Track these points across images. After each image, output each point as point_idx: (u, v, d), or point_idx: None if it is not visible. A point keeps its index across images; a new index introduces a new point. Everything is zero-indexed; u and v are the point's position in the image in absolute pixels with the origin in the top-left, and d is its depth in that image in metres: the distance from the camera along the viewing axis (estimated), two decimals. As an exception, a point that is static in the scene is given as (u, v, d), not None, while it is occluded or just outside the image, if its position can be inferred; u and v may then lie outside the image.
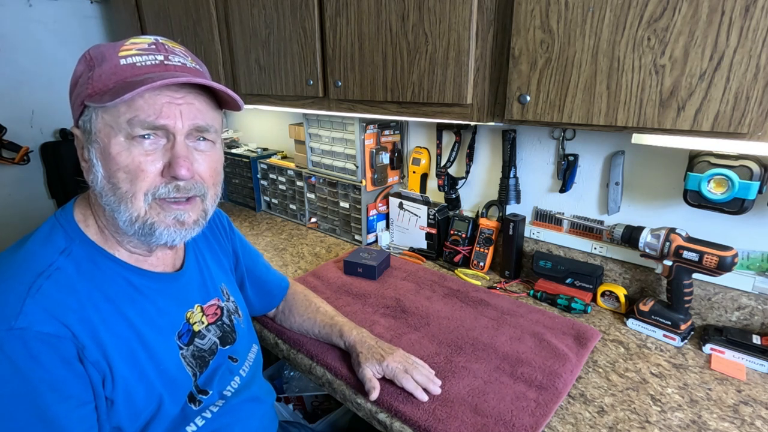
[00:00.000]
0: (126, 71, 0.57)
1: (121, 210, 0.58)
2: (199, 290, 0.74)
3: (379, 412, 0.80)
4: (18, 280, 0.54)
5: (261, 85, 1.38)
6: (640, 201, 1.09)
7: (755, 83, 0.63)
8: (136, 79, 0.56)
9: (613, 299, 1.10)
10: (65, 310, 0.54)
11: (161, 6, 1.64)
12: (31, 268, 0.55)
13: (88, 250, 0.61)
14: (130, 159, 0.56)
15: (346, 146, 1.45)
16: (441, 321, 1.02)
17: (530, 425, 0.73)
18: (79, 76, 0.59)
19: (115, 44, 0.60)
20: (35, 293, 0.53)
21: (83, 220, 0.63)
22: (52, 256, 0.57)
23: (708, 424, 0.75)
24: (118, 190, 0.58)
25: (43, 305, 0.53)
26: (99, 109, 0.57)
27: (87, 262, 0.60)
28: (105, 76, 0.57)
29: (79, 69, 0.59)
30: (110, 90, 0.56)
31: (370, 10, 1.02)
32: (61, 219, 0.62)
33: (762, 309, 0.95)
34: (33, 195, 2.03)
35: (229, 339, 0.76)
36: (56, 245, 0.59)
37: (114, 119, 0.56)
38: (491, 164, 1.33)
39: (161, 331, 0.64)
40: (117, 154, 0.56)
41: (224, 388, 0.73)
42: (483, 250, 1.30)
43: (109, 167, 0.57)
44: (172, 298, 0.68)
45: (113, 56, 0.58)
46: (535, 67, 0.82)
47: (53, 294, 0.54)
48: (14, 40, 1.88)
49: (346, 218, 1.55)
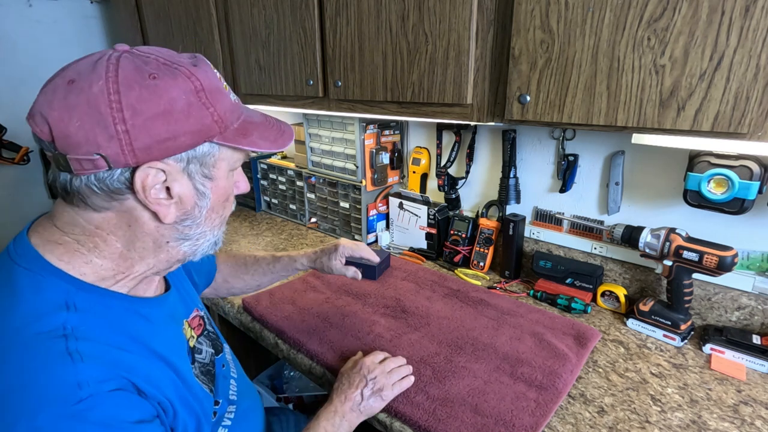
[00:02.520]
0: (237, 108, 0.58)
1: (208, 238, 0.60)
2: (182, 305, 0.71)
3: (379, 412, 0.80)
4: (47, 355, 0.46)
5: (261, 85, 1.38)
6: (640, 201, 1.09)
7: (755, 83, 0.63)
8: (254, 120, 0.59)
9: (613, 299, 1.10)
10: (113, 365, 0.49)
11: (161, 6, 1.64)
12: (47, 337, 0.47)
13: (89, 295, 0.53)
14: (229, 188, 0.60)
15: (346, 146, 1.45)
16: (441, 321, 1.02)
17: (530, 425, 0.73)
18: (186, 107, 0.50)
19: (207, 71, 0.54)
20: (80, 359, 0.46)
21: (62, 260, 0.53)
22: (57, 317, 0.49)
23: (708, 424, 0.75)
24: (216, 218, 0.60)
25: (95, 366, 0.47)
26: (222, 146, 0.56)
27: (97, 307, 0.53)
28: (227, 113, 0.55)
29: (178, 96, 0.50)
30: (236, 129, 0.56)
31: (370, 10, 1.02)
32: (34, 267, 0.51)
33: (762, 309, 0.95)
34: (33, 195, 2.03)
35: (218, 347, 0.75)
36: (51, 302, 0.49)
37: (231, 155, 0.58)
38: (491, 164, 1.33)
39: (179, 355, 0.62)
40: (224, 186, 0.59)
41: (228, 395, 0.72)
42: (483, 250, 1.30)
43: (217, 199, 0.58)
44: (171, 319, 0.65)
45: (220, 87, 0.55)
46: (535, 67, 0.82)
47: (94, 354, 0.48)
48: (14, 40, 1.88)
49: (346, 218, 1.55)
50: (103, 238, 0.54)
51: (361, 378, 0.79)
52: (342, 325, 1.02)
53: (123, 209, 0.52)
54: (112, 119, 0.47)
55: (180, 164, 0.52)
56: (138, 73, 0.48)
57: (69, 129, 0.46)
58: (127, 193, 0.51)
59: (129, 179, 0.50)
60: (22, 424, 0.42)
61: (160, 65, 0.50)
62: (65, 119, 0.46)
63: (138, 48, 0.52)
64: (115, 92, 0.47)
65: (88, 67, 0.48)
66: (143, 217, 0.54)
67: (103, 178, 0.49)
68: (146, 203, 0.52)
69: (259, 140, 0.57)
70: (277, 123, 0.63)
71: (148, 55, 0.50)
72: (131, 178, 0.50)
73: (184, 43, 1.61)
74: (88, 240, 0.53)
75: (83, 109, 0.46)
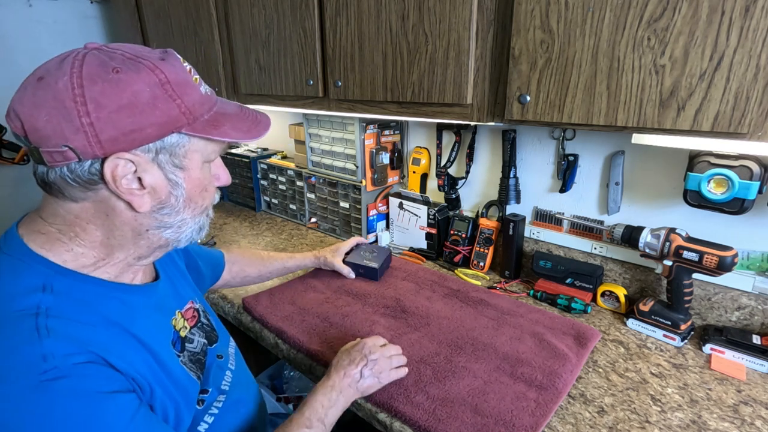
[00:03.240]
0: (209, 100, 0.59)
1: (190, 225, 0.62)
2: (174, 296, 0.73)
3: (379, 412, 0.80)
4: (16, 331, 0.48)
5: (261, 85, 1.38)
6: (640, 201, 1.09)
7: (755, 83, 0.63)
8: (227, 111, 0.61)
9: (613, 299, 1.10)
10: (83, 341, 0.50)
11: (161, 6, 1.64)
12: (20, 315, 0.49)
13: (67, 279, 0.54)
14: (205, 179, 0.62)
15: (346, 146, 1.45)
16: (441, 321, 1.02)
17: (530, 425, 0.73)
18: (151, 99, 0.52)
19: (175, 65, 0.55)
20: (47, 334, 0.48)
21: (44, 248, 0.55)
22: (32, 297, 0.50)
23: (708, 424, 0.75)
24: (196, 208, 0.62)
25: (62, 341, 0.48)
26: (192, 137, 0.57)
27: (74, 291, 0.54)
28: (196, 105, 0.56)
29: (142, 89, 0.51)
30: (206, 120, 0.58)
31: (370, 10, 1.02)
32: (16, 254, 0.54)
33: (762, 309, 0.95)
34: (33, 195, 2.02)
35: (213, 338, 0.77)
36: (27, 284, 0.52)
37: (204, 146, 0.59)
38: (491, 164, 1.33)
39: (161, 342, 0.63)
40: (198, 176, 0.60)
41: (220, 384, 0.74)
42: (483, 250, 1.30)
43: (192, 188, 0.60)
44: (157, 308, 0.66)
45: (188, 80, 0.56)
46: (535, 67, 0.82)
47: (63, 330, 0.49)
48: (14, 40, 1.88)
49: (346, 218, 1.55)
50: (82, 227, 0.56)
51: (362, 357, 0.80)
52: (342, 325, 1.02)
53: (98, 199, 0.55)
54: (77, 112, 0.49)
55: (148, 155, 0.54)
56: (102, 68, 0.50)
57: (38, 123, 0.49)
58: (100, 183, 0.53)
59: (99, 170, 0.52)
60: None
61: (125, 60, 0.52)
62: (34, 114, 0.49)
63: (108, 45, 0.54)
64: (78, 86, 0.49)
65: (55, 64, 0.51)
66: (119, 206, 0.56)
67: (74, 169, 0.52)
68: (118, 193, 0.54)
69: (230, 131, 0.59)
70: (253, 114, 0.64)
71: (114, 51, 0.52)
72: (101, 169, 0.52)
73: (185, 43, 1.61)
74: (69, 229, 0.56)
75: (50, 104, 0.49)
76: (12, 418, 0.44)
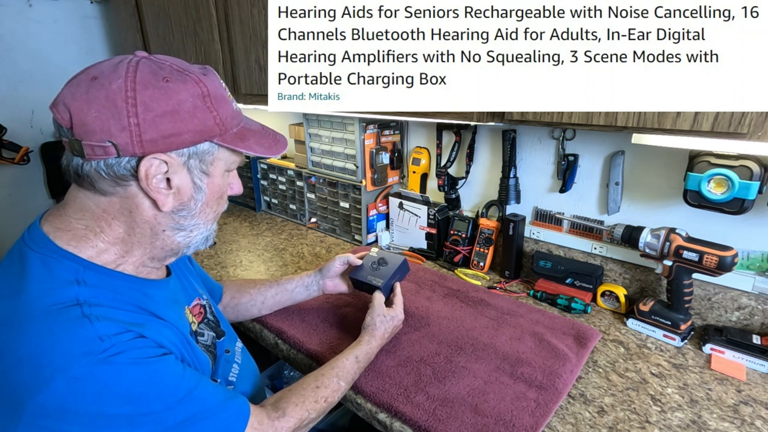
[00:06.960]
0: (238, 116, 0.65)
1: (201, 230, 0.66)
2: (183, 292, 0.76)
3: (379, 412, 0.80)
4: (66, 320, 0.51)
5: (261, 85, 1.38)
6: (640, 201, 1.09)
7: (755, 83, 0.63)
8: (252, 128, 0.66)
9: (613, 299, 1.10)
10: (125, 322, 0.55)
11: (161, 6, 1.64)
12: (62, 307, 0.52)
13: (96, 274, 0.58)
14: (223, 187, 0.67)
15: (346, 146, 1.45)
16: (441, 321, 1.02)
17: (530, 425, 0.73)
18: (192, 108, 0.57)
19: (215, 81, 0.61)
20: (96, 319, 0.52)
21: (71, 244, 0.58)
22: (69, 290, 0.54)
23: (708, 424, 0.75)
24: (210, 213, 0.66)
25: (110, 323, 0.53)
26: (221, 146, 0.62)
27: (103, 284, 0.58)
28: (228, 118, 0.62)
29: (186, 98, 0.56)
30: (235, 134, 0.63)
31: (370, 10, 1.01)
32: (45, 250, 0.57)
33: (762, 309, 0.95)
34: (33, 195, 2.03)
35: (219, 332, 0.79)
36: (62, 278, 0.55)
37: (228, 156, 0.64)
38: (491, 164, 1.33)
39: (185, 330, 0.67)
40: (219, 183, 0.65)
41: (228, 376, 0.76)
42: (483, 250, 1.30)
43: (211, 194, 0.64)
44: (173, 301, 0.70)
45: (225, 95, 0.62)
46: (535, 67, 0.81)
47: (106, 315, 0.54)
48: (14, 40, 1.87)
49: (346, 218, 1.55)
50: (108, 222, 0.60)
51: (393, 331, 0.93)
52: (342, 325, 1.02)
53: (126, 195, 0.58)
54: (126, 112, 0.53)
55: (181, 158, 0.59)
56: (153, 76, 0.55)
57: (87, 117, 0.53)
58: (132, 180, 0.57)
59: (134, 167, 0.56)
60: (58, 378, 0.48)
61: (173, 71, 0.57)
62: (84, 109, 0.53)
63: (156, 55, 0.59)
64: (131, 89, 0.54)
65: (110, 67, 0.55)
66: (144, 204, 0.59)
67: (111, 164, 0.55)
68: (147, 190, 0.58)
69: (254, 145, 0.64)
70: (273, 133, 0.69)
71: (163, 62, 0.58)
72: (136, 167, 0.56)
73: (185, 43, 1.61)
74: (95, 224, 0.59)
75: (101, 102, 0.53)
76: (93, 389, 0.50)
